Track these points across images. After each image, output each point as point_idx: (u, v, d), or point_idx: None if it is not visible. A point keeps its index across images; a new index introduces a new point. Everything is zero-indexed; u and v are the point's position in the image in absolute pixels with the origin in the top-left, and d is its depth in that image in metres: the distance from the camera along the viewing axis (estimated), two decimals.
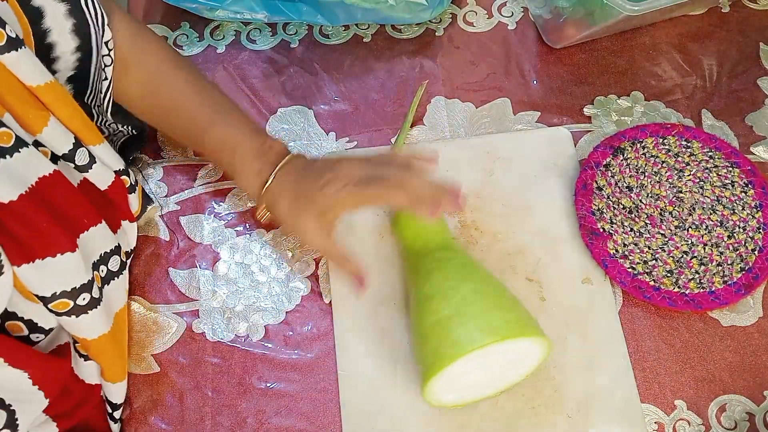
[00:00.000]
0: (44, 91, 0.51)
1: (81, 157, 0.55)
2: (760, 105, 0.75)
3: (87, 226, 0.55)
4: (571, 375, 0.62)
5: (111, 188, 0.60)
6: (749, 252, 0.66)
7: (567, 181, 0.71)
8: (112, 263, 0.59)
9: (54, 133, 0.52)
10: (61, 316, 0.53)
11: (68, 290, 0.52)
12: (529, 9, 0.81)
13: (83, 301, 0.53)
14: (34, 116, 0.51)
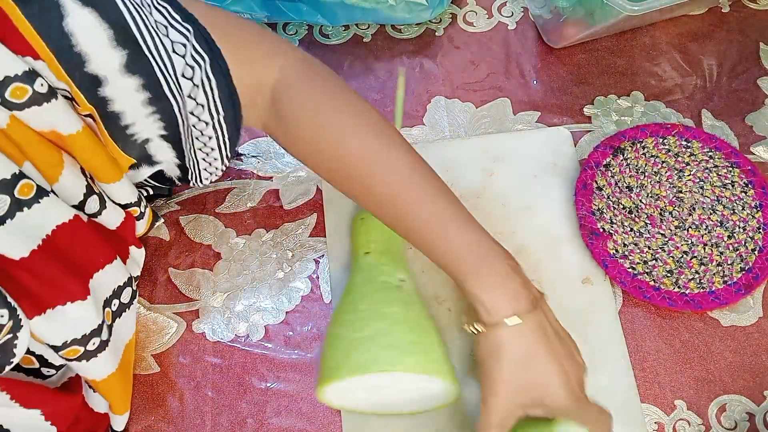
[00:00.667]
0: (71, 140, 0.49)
1: (91, 206, 0.54)
2: (760, 105, 0.75)
3: (102, 264, 0.54)
4: None
5: (121, 226, 0.59)
6: (749, 252, 0.66)
7: (567, 181, 0.71)
8: (125, 296, 0.58)
9: (69, 182, 0.51)
10: (71, 362, 0.52)
11: (79, 338, 0.51)
12: (529, 9, 0.81)
13: (93, 346, 0.52)
14: (51, 166, 0.50)
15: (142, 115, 0.50)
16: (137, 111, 0.50)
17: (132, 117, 0.50)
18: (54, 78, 0.46)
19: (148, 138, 0.53)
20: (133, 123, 0.51)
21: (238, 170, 0.73)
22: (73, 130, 0.49)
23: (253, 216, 0.71)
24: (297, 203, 0.71)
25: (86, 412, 0.57)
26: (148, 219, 0.65)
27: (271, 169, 0.73)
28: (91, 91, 0.47)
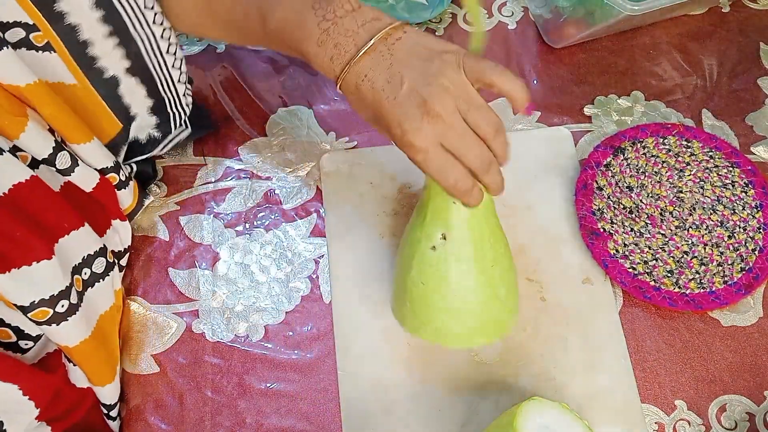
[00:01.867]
0: (28, 90, 0.50)
1: (62, 161, 0.54)
2: (761, 105, 0.75)
3: (67, 230, 0.54)
4: (571, 375, 0.62)
5: (96, 189, 0.59)
6: (749, 252, 0.66)
7: (567, 181, 0.71)
8: (97, 265, 0.58)
9: (33, 137, 0.52)
10: (41, 325, 0.52)
11: (46, 298, 0.51)
12: (529, 9, 0.81)
13: (62, 308, 0.52)
14: (11, 122, 0.50)
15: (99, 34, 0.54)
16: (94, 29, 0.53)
17: (89, 32, 0.53)
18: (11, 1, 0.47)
19: (115, 75, 0.56)
20: (91, 41, 0.53)
21: (238, 170, 0.73)
22: (23, 81, 0.49)
23: (253, 216, 0.71)
24: (297, 203, 0.71)
25: (69, 388, 0.57)
26: (133, 192, 0.65)
27: (271, 169, 0.73)
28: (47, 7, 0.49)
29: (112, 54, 0.56)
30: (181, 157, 0.73)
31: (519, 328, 0.64)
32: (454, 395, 0.61)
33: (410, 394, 0.62)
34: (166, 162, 0.73)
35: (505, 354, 0.63)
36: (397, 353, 0.64)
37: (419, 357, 0.63)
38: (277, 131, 0.75)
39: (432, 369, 0.63)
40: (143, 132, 0.65)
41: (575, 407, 0.60)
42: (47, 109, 0.52)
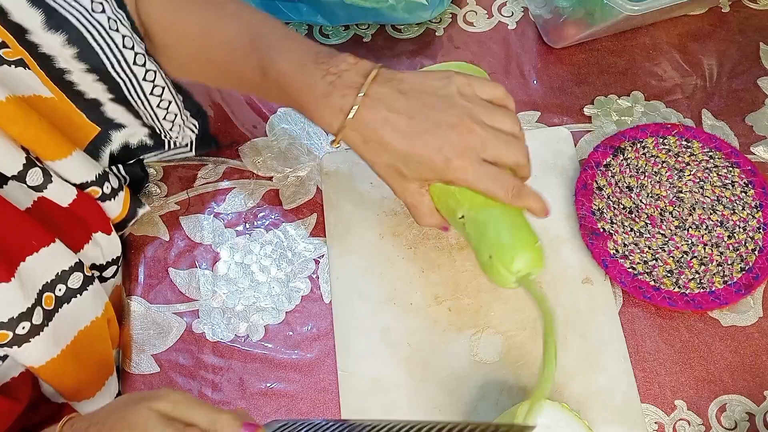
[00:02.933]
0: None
1: (33, 178, 0.53)
2: (760, 105, 0.75)
3: (36, 247, 0.52)
4: (571, 375, 0.62)
5: (74, 204, 0.57)
6: (749, 252, 0.66)
7: (567, 181, 0.71)
8: (72, 281, 0.56)
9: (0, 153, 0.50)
10: (2, 347, 0.51)
11: (5, 321, 0.49)
12: (529, 9, 0.81)
13: (23, 330, 0.51)
14: None
15: (78, 69, 0.52)
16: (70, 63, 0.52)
17: (65, 62, 0.52)
18: None
19: (97, 98, 0.55)
20: (68, 70, 0.52)
21: (238, 170, 0.73)
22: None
23: (253, 216, 0.71)
24: (297, 203, 0.71)
25: (44, 401, 0.56)
26: (123, 203, 0.63)
27: (271, 169, 0.73)
28: (19, 37, 0.49)
29: (92, 85, 0.55)
30: (181, 158, 0.73)
31: (519, 327, 0.64)
32: (454, 395, 0.61)
33: (410, 394, 0.62)
34: (166, 162, 0.73)
35: (505, 354, 0.63)
36: (397, 353, 0.64)
37: (419, 357, 0.63)
38: (277, 131, 0.75)
39: (432, 369, 0.63)
40: (135, 138, 0.64)
41: (575, 407, 0.60)
42: (15, 128, 0.50)
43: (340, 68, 0.51)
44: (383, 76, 0.51)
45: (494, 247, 0.52)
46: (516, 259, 0.51)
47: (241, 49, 0.55)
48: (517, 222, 0.54)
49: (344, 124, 0.50)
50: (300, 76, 0.52)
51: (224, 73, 0.58)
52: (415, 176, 0.52)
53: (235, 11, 0.57)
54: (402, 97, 0.50)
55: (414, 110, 0.50)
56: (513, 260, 0.51)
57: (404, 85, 0.51)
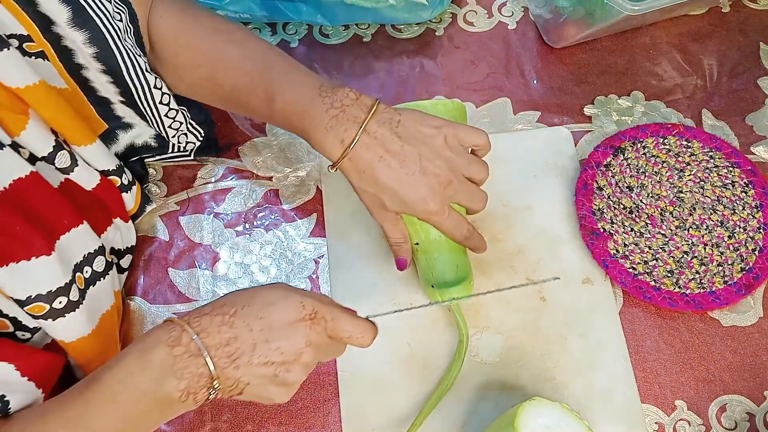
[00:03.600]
0: (27, 92, 0.51)
1: (62, 160, 0.55)
2: (761, 105, 0.75)
3: (67, 227, 0.55)
4: (571, 375, 0.62)
5: (97, 189, 0.59)
6: (750, 252, 0.66)
7: (567, 181, 0.71)
8: (97, 264, 0.58)
9: (33, 136, 0.52)
10: (37, 320, 0.52)
11: (44, 294, 0.51)
12: (529, 9, 0.81)
13: (59, 304, 0.52)
14: (12, 119, 0.51)
15: (94, 68, 0.55)
16: (89, 62, 0.55)
17: (83, 58, 0.54)
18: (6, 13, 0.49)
19: (108, 98, 0.58)
20: (86, 66, 0.55)
21: (238, 170, 0.73)
22: (24, 83, 0.50)
23: (253, 216, 0.71)
24: (297, 203, 0.71)
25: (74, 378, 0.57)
26: (136, 196, 0.65)
27: (271, 169, 0.73)
28: (45, 27, 0.51)
29: (106, 86, 0.58)
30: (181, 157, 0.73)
31: (519, 328, 0.64)
32: (454, 395, 0.61)
33: (410, 394, 0.62)
34: (166, 162, 0.73)
35: (505, 354, 0.63)
36: (397, 353, 0.64)
37: (419, 357, 0.63)
38: (277, 131, 0.75)
39: (432, 369, 0.63)
40: (140, 138, 0.66)
41: (575, 407, 0.60)
42: (47, 111, 0.53)
43: (343, 103, 0.56)
44: (382, 113, 0.57)
45: (438, 281, 0.61)
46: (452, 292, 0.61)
47: (248, 77, 0.59)
48: (460, 261, 0.62)
49: (344, 155, 0.56)
50: (305, 108, 0.56)
51: (231, 98, 0.62)
52: (395, 209, 0.58)
53: (242, 39, 0.61)
54: (397, 140, 0.56)
55: (406, 154, 0.56)
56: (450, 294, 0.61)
57: (401, 128, 0.57)
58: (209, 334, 0.46)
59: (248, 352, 0.47)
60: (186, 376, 0.45)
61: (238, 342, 0.47)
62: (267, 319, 0.47)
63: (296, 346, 0.48)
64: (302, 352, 0.48)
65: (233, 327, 0.47)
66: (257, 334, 0.47)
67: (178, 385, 0.45)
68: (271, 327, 0.47)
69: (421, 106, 0.61)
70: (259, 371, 0.47)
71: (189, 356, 0.46)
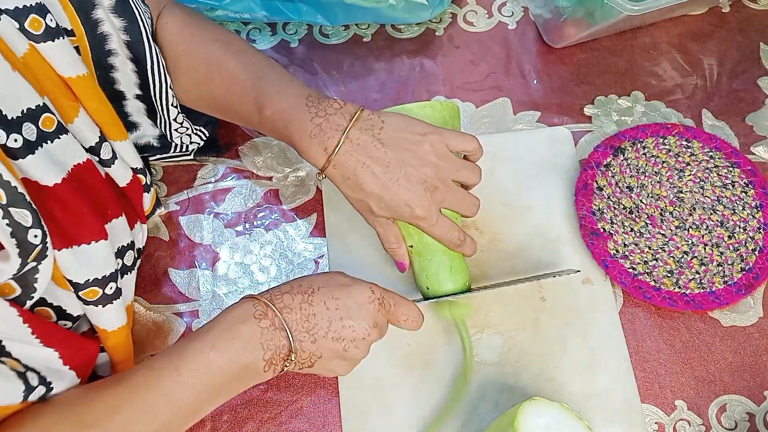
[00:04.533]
0: (76, 82, 0.52)
1: (105, 152, 0.56)
2: (761, 105, 0.75)
3: (111, 216, 0.56)
4: (571, 375, 0.62)
5: (129, 186, 0.60)
6: (749, 252, 0.66)
7: (567, 181, 0.71)
8: (128, 257, 0.59)
9: (83, 125, 0.54)
10: (89, 305, 0.53)
11: (99, 278, 0.52)
12: (529, 9, 0.81)
13: (110, 290, 0.54)
14: (68, 106, 0.52)
15: (122, 54, 0.57)
16: (121, 48, 0.56)
17: (115, 43, 0.56)
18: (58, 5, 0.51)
19: (124, 92, 0.60)
20: (116, 51, 0.56)
21: (238, 170, 0.73)
22: (74, 72, 0.52)
23: (253, 216, 0.71)
24: (297, 203, 0.71)
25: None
26: (152, 198, 0.66)
27: (271, 169, 0.73)
28: (85, 12, 0.53)
29: (128, 75, 0.59)
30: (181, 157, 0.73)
31: (519, 328, 0.64)
32: None
33: (410, 394, 0.62)
34: (166, 162, 0.73)
35: (505, 354, 0.63)
36: (397, 353, 0.64)
37: (419, 357, 0.63)
38: None
39: (432, 369, 0.63)
40: (143, 139, 0.66)
41: (575, 407, 0.60)
42: (91, 102, 0.54)
43: (327, 112, 0.57)
44: (365, 121, 0.58)
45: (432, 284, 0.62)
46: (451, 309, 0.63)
47: (241, 86, 0.60)
48: (455, 264, 0.62)
49: (328, 162, 0.57)
50: (292, 116, 0.58)
51: (223, 106, 0.63)
52: (383, 214, 0.59)
53: (240, 50, 0.62)
54: (380, 146, 0.57)
55: (389, 161, 0.57)
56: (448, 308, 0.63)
57: (383, 134, 0.57)
58: (291, 311, 0.52)
59: (324, 328, 0.52)
60: (271, 347, 0.51)
61: (316, 318, 0.52)
62: (342, 299, 0.53)
63: (365, 325, 0.53)
64: (370, 332, 0.53)
65: (312, 305, 0.52)
66: (333, 313, 0.52)
67: (263, 355, 0.50)
68: (346, 306, 0.53)
69: (407, 110, 0.61)
70: (332, 346, 0.52)
71: (274, 329, 0.51)
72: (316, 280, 0.54)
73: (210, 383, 0.50)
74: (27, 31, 0.49)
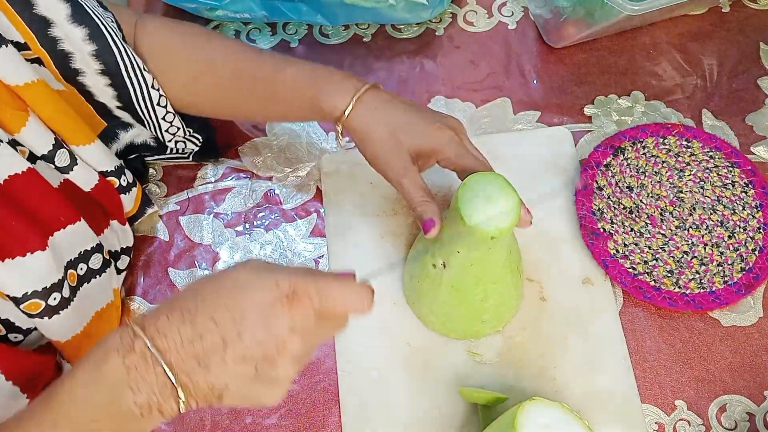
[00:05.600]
0: (25, 90, 0.51)
1: (61, 159, 0.55)
2: (761, 105, 0.75)
3: (63, 223, 0.55)
4: (571, 375, 0.62)
5: (95, 189, 0.59)
6: (749, 252, 0.66)
7: (567, 181, 0.71)
8: (93, 261, 0.58)
9: (32, 134, 0.53)
10: (34, 318, 0.52)
11: (39, 290, 0.51)
12: (529, 8, 0.81)
13: (54, 301, 0.52)
14: (12, 116, 0.51)
15: (92, 70, 0.56)
16: (86, 61, 0.55)
17: (81, 62, 0.55)
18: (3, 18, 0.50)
19: (107, 104, 0.58)
20: (83, 71, 0.55)
21: (238, 170, 0.73)
22: (22, 80, 0.51)
23: (253, 216, 0.71)
24: (297, 203, 0.71)
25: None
26: (135, 198, 0.65)
27: (271, 169, 0.73)
28: (41, 31, 0.52)
29: (103, 90, 0.58)
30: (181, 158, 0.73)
31: (519, 328, 0.64)
32: (454, 395, 0.61)
33: (410, 394, 0.62)
34: (166, 162, 0.73)
35: (505, 354, 0.63)
36: (397, 353, 0.64)
37: (419, 357, 0.63)
38: (277, 131, 0.75)
39: (432, 369, 0.63)
40: (140, 138, 0.66)
41: (575, 407, 0.60)
42: (45, 110, 0.53)
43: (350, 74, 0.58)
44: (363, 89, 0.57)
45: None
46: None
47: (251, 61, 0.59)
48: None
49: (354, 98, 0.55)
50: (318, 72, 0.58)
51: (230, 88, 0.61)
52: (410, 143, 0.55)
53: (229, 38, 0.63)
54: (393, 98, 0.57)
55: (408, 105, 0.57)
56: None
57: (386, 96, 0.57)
58: (166, 337, 0.40)
59: (219, 350, 0.40)
60: (143, 387, 0.39)
61: (203, 341, 0.40)
62: (237, 308, 0.40)
63: (277, 335, 0.40)
64: (286, 341, 0.40)
65: (195, 325, 0.40)
66: (225, 329, 0.40)
67: (135, 398, 0.39)
68: (243, 317, 0.40)
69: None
70: (237, 371, 0.40)
71: (145, 364, 0.39)
72: (203, 287, 0.42)
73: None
74: None
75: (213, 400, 0.41)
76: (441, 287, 0.58)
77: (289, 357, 0.41)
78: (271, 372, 0.40)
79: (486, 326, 0.62)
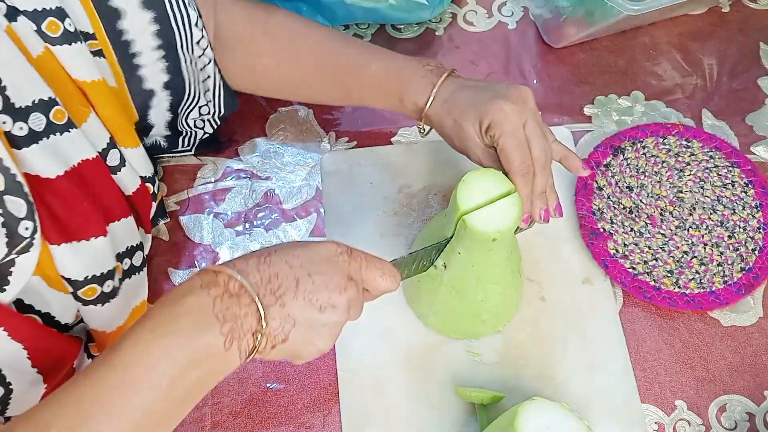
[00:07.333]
0: (90, 87, 0.53)
1: (113, 158, 0.56)
2: (761, 105, 0.75)
3: (118, 216, 0.56)
4: (571, 375, 0.62)
5: (136, 194, 0.60)
6: (749, 252, 0.66)
7: (567, 181, 0.71)
8: (136, 258, 0.59)
9: (92, 129, 0.54)
10: (87, 305, 0.53)
11: (98, 275, 0.52)
12: (529, 8, 0.81)
13: (108, 288, 0.53)
14: (77, 110, 0.52)
15: (148, 47, 0.56)
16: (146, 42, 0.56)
17: (140, 45, 0.56)
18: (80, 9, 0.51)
19: (152, 89, 0.59)
20: (140, 52, 0.56)
21: (238, 170, 0.73)
22: (90, 77, 0.52)
23: (253, 216, 0.71)
24: (297, 203, 0.71)
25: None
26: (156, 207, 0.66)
27: (271, 169, 0.73)
28: (110, 24, 0.53)
29: (156, 64, 0.58)
30: (181, 157, 0.73)
31: (519, 328, 0.64)
32: (454, 395, 0.61)
33: (410, 394, 0.62)
34: (166, 162, 0.73)
35: (505, 354, 0.63)
36: (397, 353, 0.64)
37: (419, 357, 0.63)
38: (277, 131, 0.75)
39: (432, 369, 0.63)
40: (151, 139, 0.67)
41: (575, 407, 0.60)
42: (104, 109, 0.54)
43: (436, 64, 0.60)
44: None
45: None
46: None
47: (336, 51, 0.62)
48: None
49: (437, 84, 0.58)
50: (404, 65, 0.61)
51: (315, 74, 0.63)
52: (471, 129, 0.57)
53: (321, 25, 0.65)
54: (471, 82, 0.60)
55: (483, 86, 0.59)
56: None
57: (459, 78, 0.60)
58: (249, 273, 0.42)
59: (292, 287, 0.43)
60: (229, 317, 0.40)
61: (279, 279, 0.43)
62: (305, 255, 0.44)
63: (339, 279, 0.44)
64: (346, 286, 0.45)
65: (272, 265, 0.43)
66: (298, 270, 0.43)
67: (220, 327, 0.40)
68: (311, 262, 0.44)
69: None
70: (306, 309, 0.43)
71: (229, 297, 0.41)
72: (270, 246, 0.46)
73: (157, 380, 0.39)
74: (44, 33, 0.49)
75: (280, 339, 0.43)
76: (441, 287, 0.58)
77: (346, 302, 0.45)
78: (332, 315, 0.44)
79: (486, 326, 0.62)
